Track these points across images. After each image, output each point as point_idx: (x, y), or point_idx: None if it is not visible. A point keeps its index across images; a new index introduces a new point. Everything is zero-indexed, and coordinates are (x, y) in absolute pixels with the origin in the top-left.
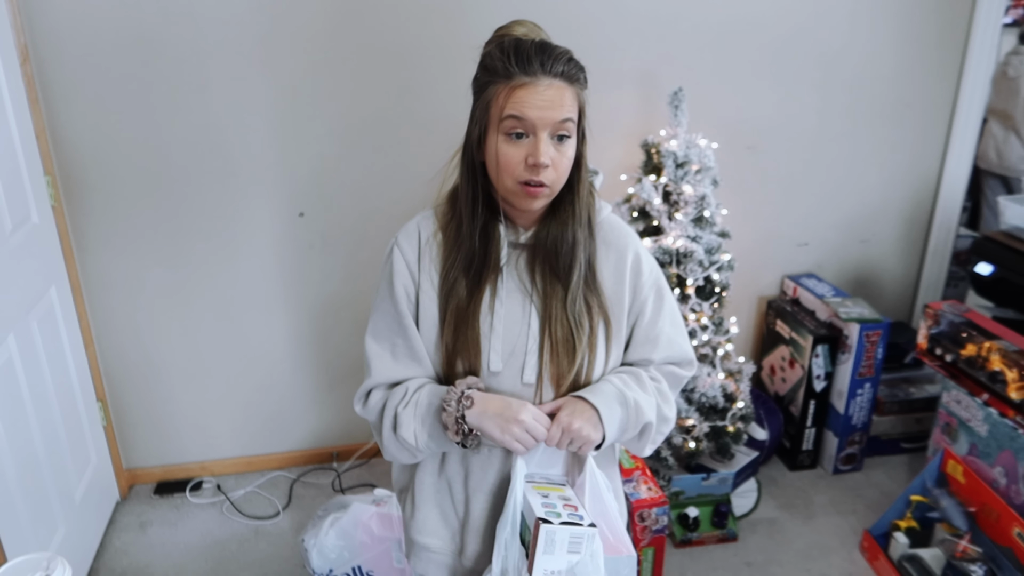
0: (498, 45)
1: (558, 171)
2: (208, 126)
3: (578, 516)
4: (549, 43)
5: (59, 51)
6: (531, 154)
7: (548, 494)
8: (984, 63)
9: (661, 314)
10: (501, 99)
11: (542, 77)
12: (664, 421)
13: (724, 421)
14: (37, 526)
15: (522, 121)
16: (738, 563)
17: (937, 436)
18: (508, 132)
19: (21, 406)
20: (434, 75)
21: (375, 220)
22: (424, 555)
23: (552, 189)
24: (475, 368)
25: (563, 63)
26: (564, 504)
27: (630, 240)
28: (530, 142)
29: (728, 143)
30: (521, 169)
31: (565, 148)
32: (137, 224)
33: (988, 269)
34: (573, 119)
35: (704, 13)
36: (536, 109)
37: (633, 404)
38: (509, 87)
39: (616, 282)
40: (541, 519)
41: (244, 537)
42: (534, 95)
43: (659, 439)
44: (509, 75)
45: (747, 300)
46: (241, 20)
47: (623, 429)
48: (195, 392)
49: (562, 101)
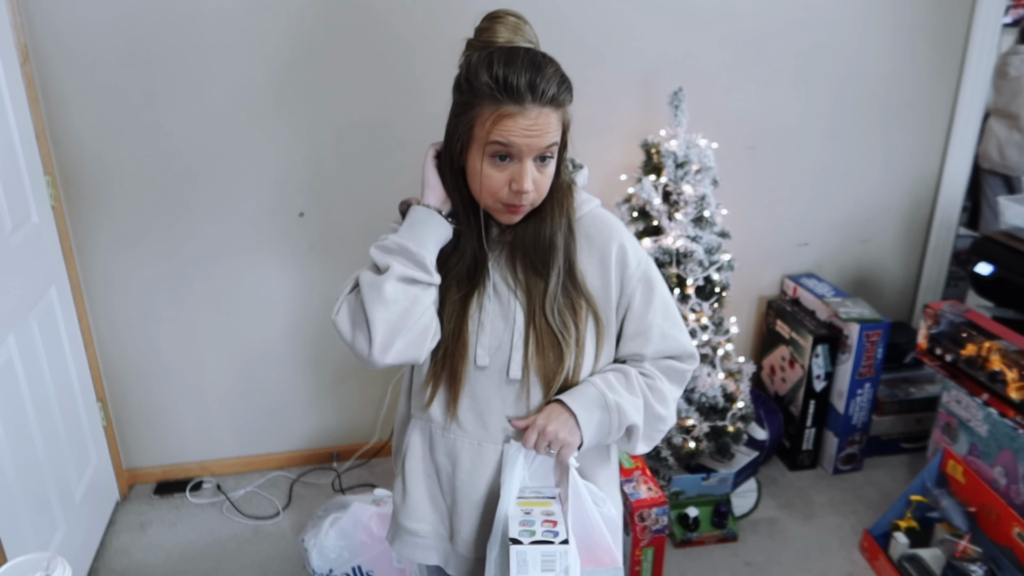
0: (486, 61)
1: (540, 190)
2: (208, 126)
3: (553, 533)
4: (538, 62)
5: (59, 51)
6: (515, 180)
7: (531, 510)
8: (984, 63)
9: (651, 306)
10: (488, 124)
11: (531, 107)
12: (658, 420)
13: (724, 421)
14: (37, 526)
15: (508, 147)
16: (738, 563)
17: (937, 436)
18: (492, 155)
19: (21, 406)
20: (434, 75)
21: (375, 220)
22: (410, 540)
23: (531, 204)
24: (462, 363)
25: (553, 87)
26: (544, 520)
27: (614, 233)
28: (515, 167)
29: (728, 143)
30: (504, 192)
31: (548, 167)
32: (137, 224)
33: (988, 269)
34: (558, 141)
35: (704, 13)
36: (523, 138)
37: (615, 407)
38: (496, 114)
39: (602, 276)
40: (512, 539)
41: (244, 537)
42: (521, 124)
43: (656, 437)
44: (497, 102)
45: (747, 300)
46: (241, 20)
47: (603, 432)
48: (195, 392)
49: (548, 128)
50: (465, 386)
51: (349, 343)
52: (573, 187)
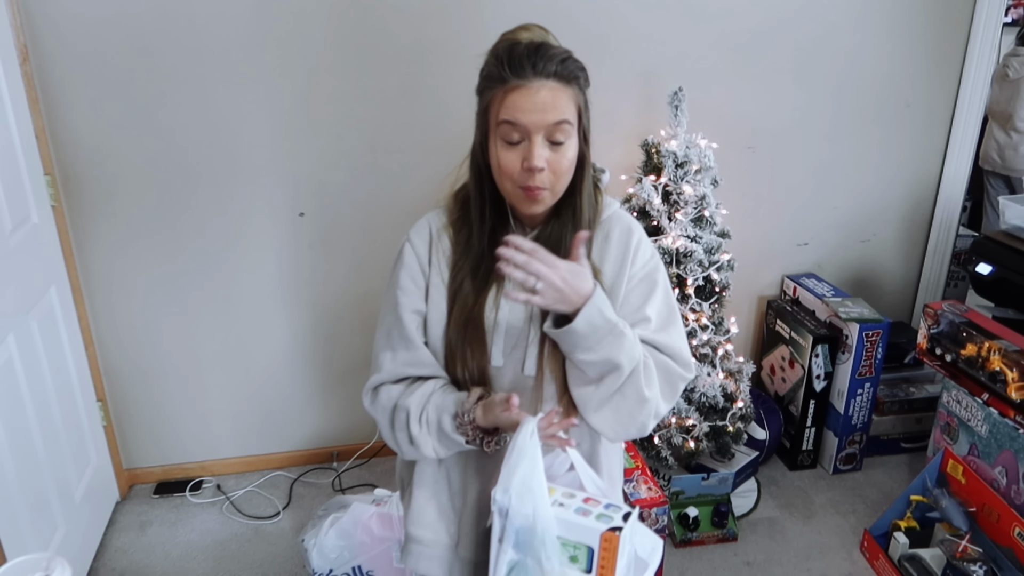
0: (494, 50)
1: (556, 173)
2: (208, 126)
3: (614, 506)
4: (546, 44)
5: (59, 51)
6: (526, 158)
7: (563, 502)
8: (984, 63)
9: (649, 301)
10: (496, 104)
11: (534, 79)
12: (640, 401)
13: (724, 421)
14: (37, 526)
15: (516, 126)
16: (738, 563)
17: (937, 436)
18: (504, 137)
19: (21, 406)
20: (435, 76)
21: (375, 220)
22: (416, 549)
23: (552, 191)
24: (479, 365)
25: (556, 63)
26: (583, 501)
27: (632, 235)
28: (525, 146)
29: (728, 143)
30: (519, 173)
31: (563, 150)
32: (137, 224)
33: (988, 269)
34: (569, 120)
35: (704, 13)
36: (528, 113)
37: (619, 331)
38: (504, 91)
39: (617, 274)
40: (612, 529)
41: (244, 537)
42: (526, 98)
43: (627, 422)
44: (503, 79)
45: (747, 300)
46: (241, 20)
47: (594, 335)
48: (195, 392)
49: (555, 103)
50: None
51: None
52: (599, 190)
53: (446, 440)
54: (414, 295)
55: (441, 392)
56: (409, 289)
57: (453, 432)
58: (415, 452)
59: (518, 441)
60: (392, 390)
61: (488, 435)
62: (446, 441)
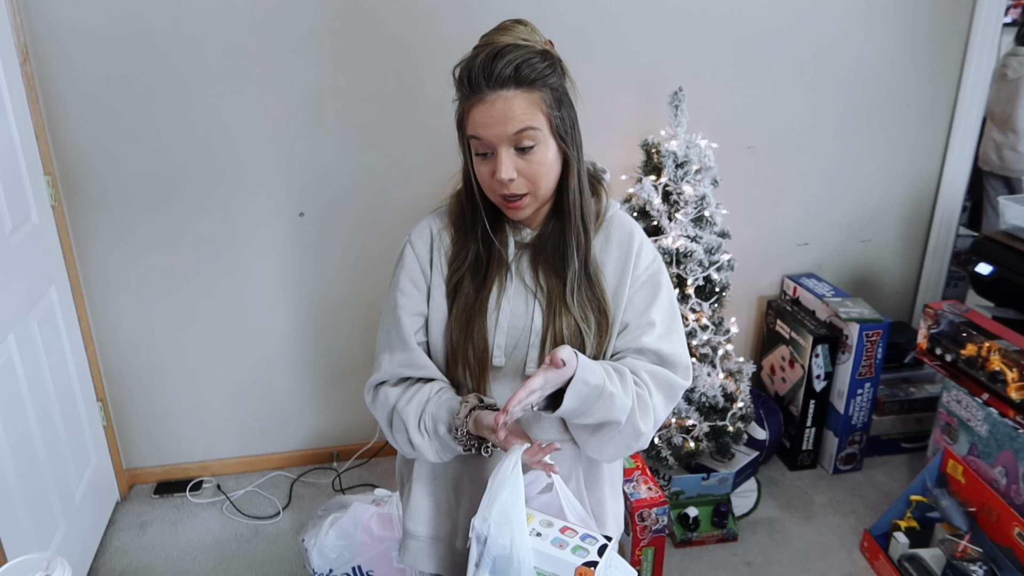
0: (460, 63)
1: (532, 179)
2: (208, 126)
3: (591, 537)
4: (503, 51)
5: (59, 51)
6: (495, 171)
7: (540, 532)
8: (984, 62)
9: (654, 305)
10: (465, 119)
11: (489, 92)
12: (634, 434)
13: (724, 421)
14: (37, 526)
15: (481, 141)
16: (738, 563)
17: (937, 436)
18: (476, 151)
19: (21, 406)
20: (435, 76)
21: (375, 220)
22: (414, 545)
23: (535, 195)
24: (480, 365)
25: (511, 69)
26: (560, 530)
27: (634, 237)
28: (494, 159)
29: (728, 143)
30: (495, 184)
31: (534, 155)
32: (137, 224)
33: (988, 269)
34: (533, 125)
35: (704, 13)
36: (488, 127)
37: (608, 394)
38: (468, 106)
39: (620, 277)
40: (587, 564)
41: (244, 537)
42: (484, 113)
43: (622, 451)
44: (465, 95)
45: (747, 300)
46: (241, 20)
47: (584, 405)
48: (195, 392)
49: (512, 113)
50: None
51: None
52: (600, 190)
53: (447, 446)
54: (413, 297)
55: (436, 400)
56: (408, 291)
57: (450, 442)
58: (417, 454)
59: (501, 470)
60: (390, 393)
61: (484, 441)
62: (447, 447)
